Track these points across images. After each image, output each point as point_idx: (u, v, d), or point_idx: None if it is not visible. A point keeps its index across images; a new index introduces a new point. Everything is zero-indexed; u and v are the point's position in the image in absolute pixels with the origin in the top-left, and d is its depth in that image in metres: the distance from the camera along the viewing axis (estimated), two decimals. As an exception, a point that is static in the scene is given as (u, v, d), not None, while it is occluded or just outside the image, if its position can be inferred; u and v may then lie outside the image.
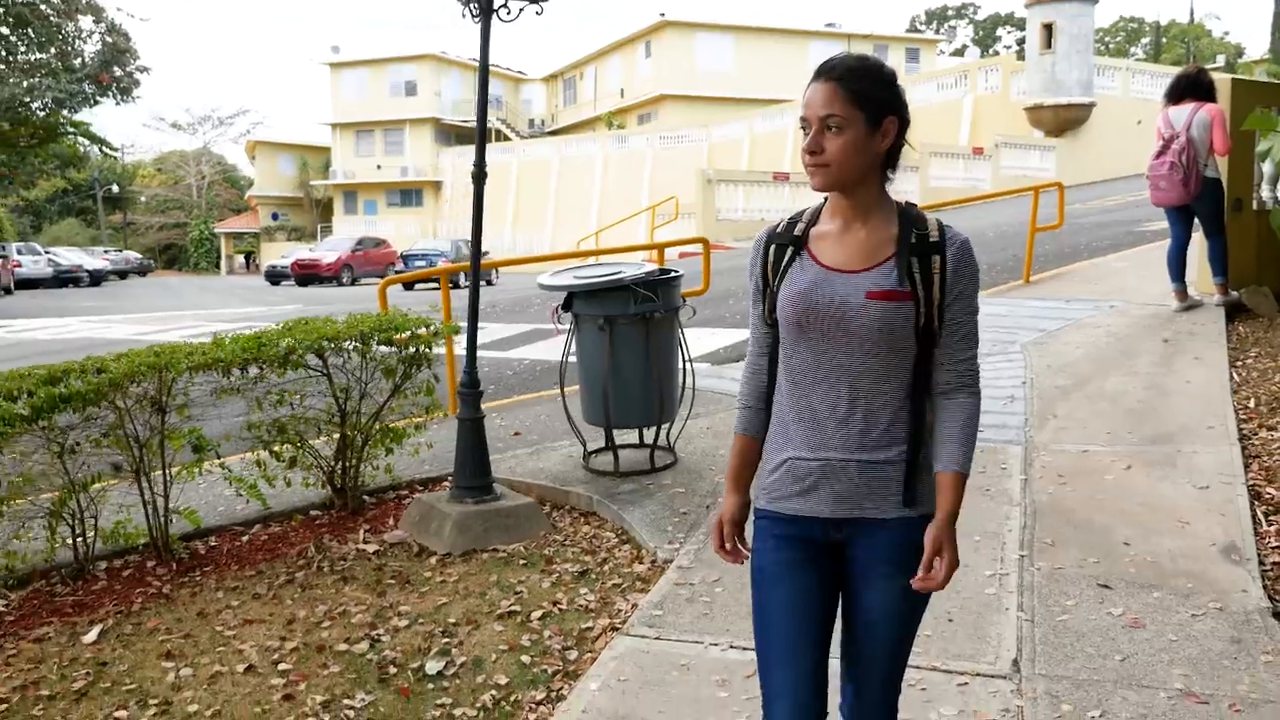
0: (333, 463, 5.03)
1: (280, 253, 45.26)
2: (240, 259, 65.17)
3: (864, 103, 1.89)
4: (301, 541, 4.73)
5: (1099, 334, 7.48)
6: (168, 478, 4.56)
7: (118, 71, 43.17)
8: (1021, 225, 11.22)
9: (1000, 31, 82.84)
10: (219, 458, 4.67)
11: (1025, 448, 5.23)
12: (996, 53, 74.97)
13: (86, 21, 42.49)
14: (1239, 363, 6.45)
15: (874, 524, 1.97)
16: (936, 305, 1.92)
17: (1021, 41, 65.12)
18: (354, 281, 33.94)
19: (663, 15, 47.28)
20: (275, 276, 37.01)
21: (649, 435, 5.39)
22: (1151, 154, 7.53)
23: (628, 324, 4.95)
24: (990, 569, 3.88)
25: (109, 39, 42.31)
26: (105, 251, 52.67)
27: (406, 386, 5.02)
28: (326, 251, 35.81)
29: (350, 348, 4.90)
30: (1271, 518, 4.28)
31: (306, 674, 3.49)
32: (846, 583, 2.05)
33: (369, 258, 35.95)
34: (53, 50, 41.49)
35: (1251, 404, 5.67)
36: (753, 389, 2.13)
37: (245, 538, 4.83)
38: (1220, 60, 56.76)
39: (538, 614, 3.86)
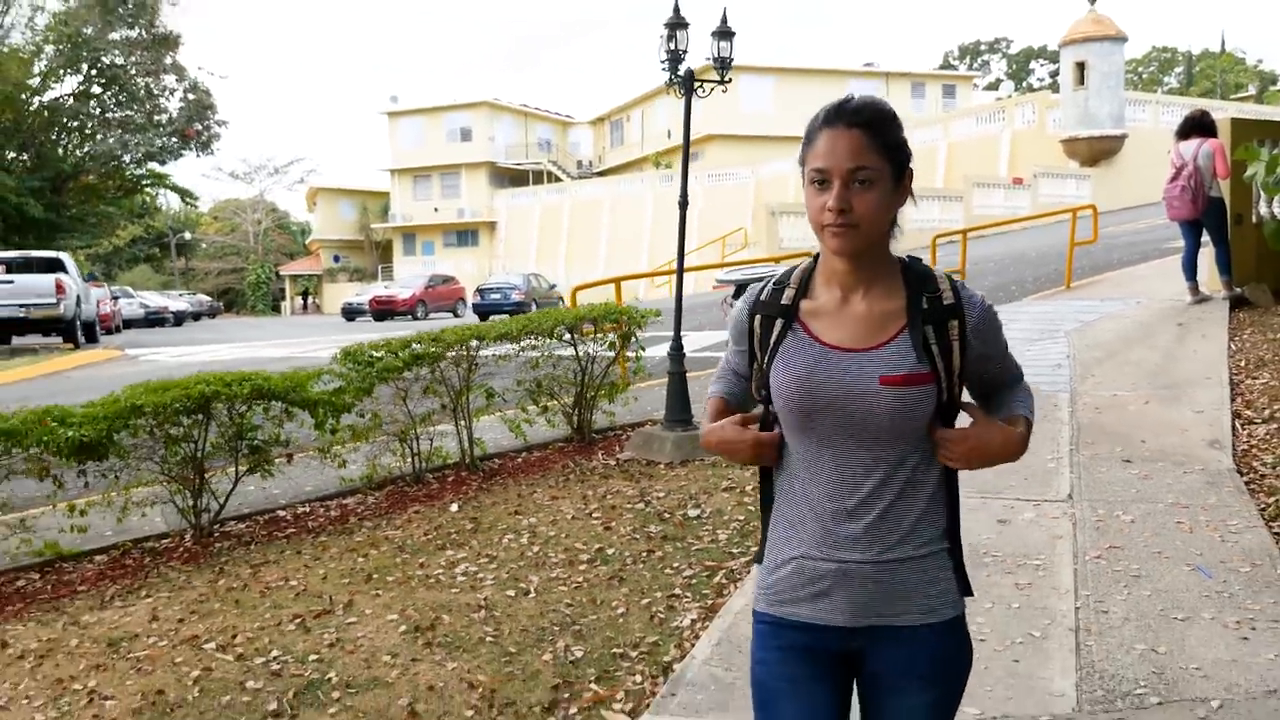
0: (572, 409, 7.06)
1: (353, 292, 47.86)
2: (299, 300, 68.09)
3: (891, 153, 1.71)
4: (559, 461, 6.76)
5: (1127, 322, 9.39)
6: (470, 416, 6.61)
7: (197, 126, 46.07)
8: (1060, 246, 13.16)
9: (1033, 64, 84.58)
10: (501, 405, 6.72)
11: (1070, 394, 7.15)
12: (1030, 86, 76.94)
13: (170, 80, 45.38)
14: (1236, 338, 8.33)
15: (898, 632, 1.72)
16: (958, 375, 1.72)
17: (1054, 74, 67.08)
18: (426, 315, 36.27)
19: (708, 60, 49.59)
20: (351, 313, 39.47)
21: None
22: (1166, 179, 9.46)
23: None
24: (1050, 455, 5.81)
25: (191, 96, 45.26)
26: (179, 295, 55.63)
27: (622, 355, 7.06)
28: (401, 289, 38.28)
29: (586, 328, 6.95)
30: (1245, 428, 6.16)
31: (611, 517, 5.49)
32: (865, 696, 1.81)
33: (439, 293, 38.45)
34: (139, 108, 44.37)
35: (1242, 364, 7.56)
36: (727, 371, 1.97)
37: (519, 459, 6.88)
38: (1251, 89, 58.29)
39: (749, 487, 5.84)
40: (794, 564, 1.75)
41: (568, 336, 6.86)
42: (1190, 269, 9.71)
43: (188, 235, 69.16)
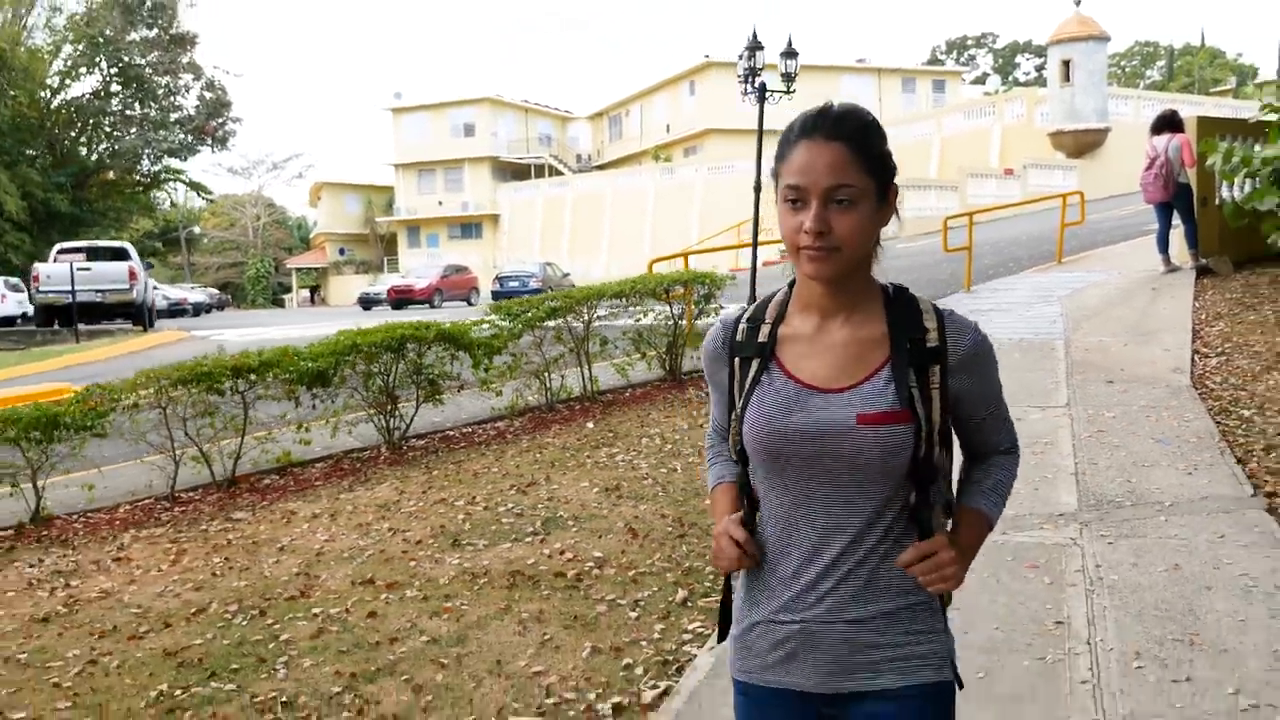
0: (665, 354, 8.75)
1: (365, 283, 49.42)
2: (305, 293, 69.47)
3: (876, 169, 1.53)
4: (659, 395, 8.45)
5: (1110, 288, 11.14)
6: (589, 359, 8.31)
7: (214, 123, 47.48)
8: (1050, 230, 14.92)
9: (1019, 59, 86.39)
10: (610, 354, 8.41)
11: (1065, 340, 8.87)
12: (1016, 80, 78.79)
13: (187, 78, 46.76)
14: (1199, 298, 10.08)
15: (875, 697, 1.56)
16: (937, 430, 1.54)
17: (1040, 69, 68.93)
18: (441, 304, 37.87)
19: (707, 57, 51.43)
20: (368, 302, 41.03)
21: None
22: (1142, 168, 11.20)
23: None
24: (1051, 381, 7.53)
25: (208, 94, 46.67)
26: (192, 288, 57.07)
27: (704, 309, 8.78)
28: (417, 278, 39.80)
29: (676, 291, 8.64)
30: (1201, 360, 7.89)
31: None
32: None
33: (454, 283, 39.99)
34: (157, 106, 45.77)
35: (1203, 317, 9.30)
36: (719, 443, 1.82)
37: (626, 394, 8.58)
38: (1232, 82, 60.21)
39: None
40: (763, 625, 1.61)
41: (662, 294, 8.55)
42: (1163, 244, 11.46)
43: (196, 229, 70.37)
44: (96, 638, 4.52)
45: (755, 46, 8.14)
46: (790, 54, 8.29)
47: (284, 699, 3.71)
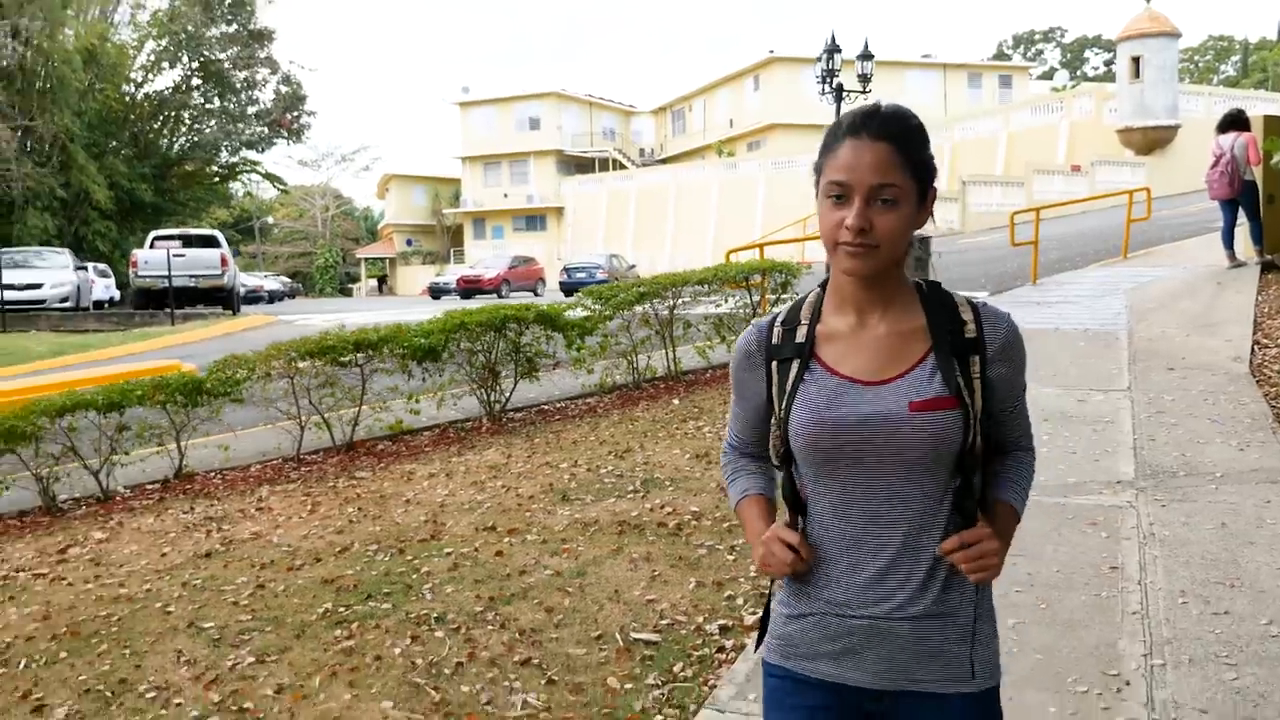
0: (744, 339, 9.29)
1: (433, 274, 50.56)
2: (374, 282, 71.00)
3: (918, 171, 1.57)
4: (737, 376, 8.99)
5: (1175, 282, 11.44)
6: (673, 342, 8.87)
7: (290, 115, 48.82)
8: (1116, 227, 15.17)
9: (1088, 53, 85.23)
10: (692, 338, 8.97)
11: (1129, 331, 9.24)
12: (1085, 75, 77.77)
13: (264, 72, 48.14)
14: (1263, 293, 10.36)
15: (923, 698, 1.57)
16: (979, 418, 1.56)
17: (1109, 63, 68.02)
18: (509, 294, 38.74)
19: (772, 52, 51.70)
20: (437, 291, 42.03)
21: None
22: (1208, 166, 11.47)
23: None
24: (1114, 367, 7.93)
25: (284, 88, 48.02)
26: (266, 276, 58.78)
27: (783, 296, 9.29)
28: (486, 269, 40.74)
29: (755, 279, 9.17)
30: (1261, 350, 8.23)
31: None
32: None
33: (521, 273, 40.85)
34: (235, 99, 47.21)
35: (1266, 310, 9.60)
36: (736, 458, 1.83)
37: (707, 374, 9.13)
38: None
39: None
40: (817, 618, 1.60)
41: (743, 282, 9.09)
42: (1228, 240, 11.72)
43: (271, 220, 72.26)
44: (258, 569, 5.19)
45: (833, 49, 8.67)
46: (866, 56, 8.77)
47: (435, 615, 4.34)
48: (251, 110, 48.16)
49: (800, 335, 1.64)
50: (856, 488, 1.56)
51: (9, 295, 19.72)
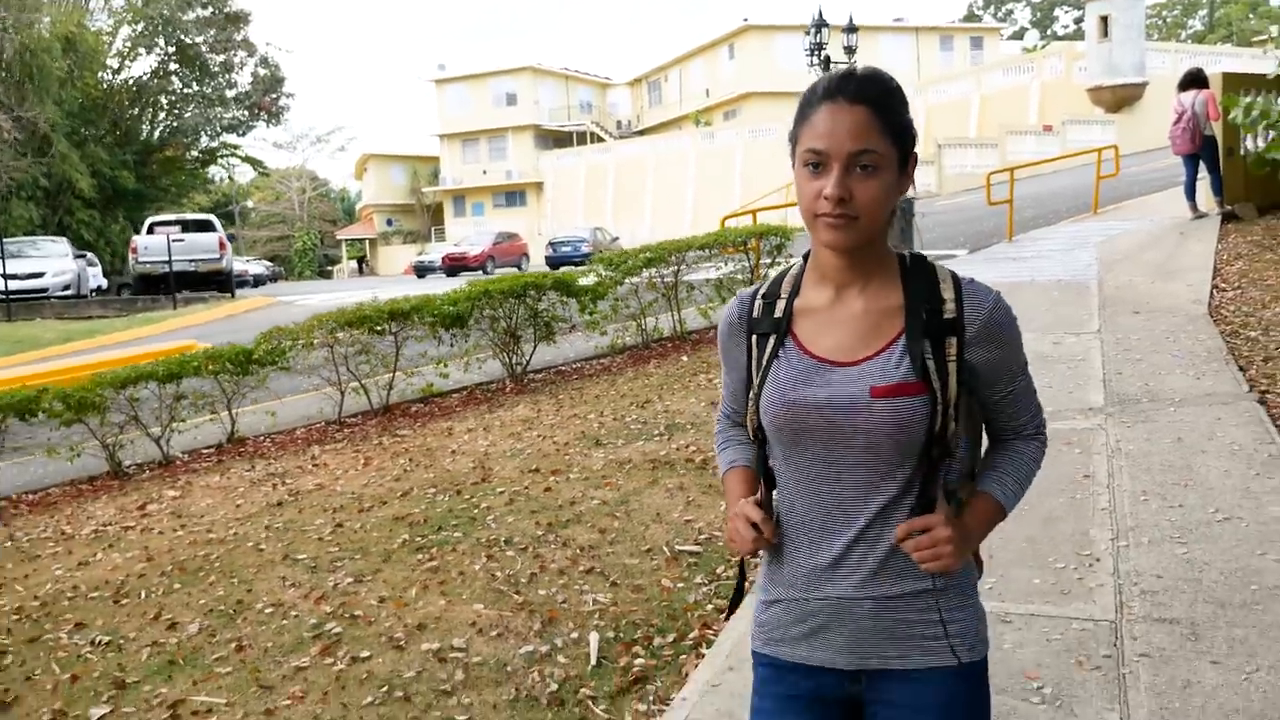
0: (743, 300, 9.95)
1: (415, 253, 50.97)
2: (354, 264, 71.17)
3: (898, 136, 1.51)
4: (738, 334, 9.67)
5: (1141, 235, 12.17)
6: (678, 305, 9.53)
7: (269, 98, 48.90)
8: (1087, 184, 15.89)
9: (1057, 12, 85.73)
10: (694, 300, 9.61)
11: (1099, 281, 9.95)
12: (1055, 34, 78.41)
13: (240, 55, 48.18)
14: (1223, 241, 11.09)
15: (901, 677, 1.55)
16: (953, 404, 1.50)
17: (1079, 21, 68.69)
18: (494, 270, 39.25)
19: (746, 20, 52.11)
20: (422, 270, 42.46)
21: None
22: (1170, 123, 12.18)
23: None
24: (1085, 313, 8.64)
25: (262, 70, 48.09)
26: (249, 260, 58.88)
27: (777, 259, 9.95)
28: (470, 246, 41.21)
29: (753, 243, 9.82)
30: (1218, 293, 8.95)
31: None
32: None
33: (505, 249, 41.34)
34: (213, 83, 47.27)
35: (1224, 258, 10.33)
36: (728, 428, 1.82)
37: (710, 334, 9.79)
38: (1273, 32, 59.78)
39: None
40: (786, 602, 1.60)
41: (742, 246, 9.73)
42: (1190, 193, 12.45)
43: (250, 203, 72.24)
44: (331, 512, 5.84)
45: (821, 24, 9.24)
46: (851, 29, 9.37)
47: (503, 539, 5.01)
48: (230, 94, 48.28)
49: (779, 310, 1.60)
50: (821, 469, 1.54)
51: (13, 285, 20.12)
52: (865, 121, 1.47)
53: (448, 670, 3.76)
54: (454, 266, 39.30)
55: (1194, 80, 12.04)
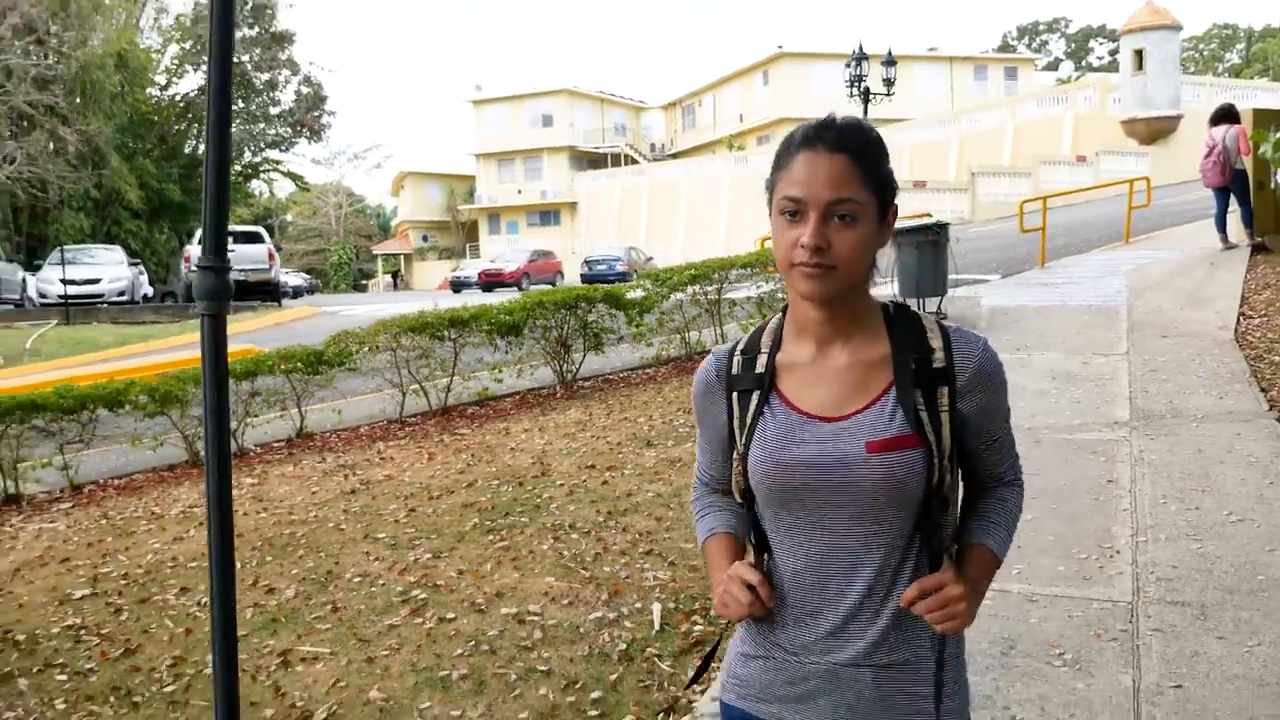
0: (783, 315, 10.37)
1: (449, 269, 51.78)
2: (388, 278, 72.18)
3: (878, 185, 1.47)
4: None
5: (1172, 264, 12.50)
6: (720, 319, 9.96)
7: (312, 115, 49.93)
8: (1119, 214, 16.23)
9: (1092, 44, 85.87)
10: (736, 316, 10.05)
11: (1128, 307, 10.29)
12: (1090, 65, 78.58)
13: (285, 74, 49.29)
14: (1251, 271, 11.41)
15: None
16: (949, 455, 1.46)
17: (1114, 53, 68.85)
18: (529, 287, 39.88)
19: (780, 47, 52.76)
20: (458, 285, 43.15)
21: (930, 304, 10.60)
22: (1201, 156, 12.53)
23: (927, 243, 10.16)
24: (1114, 336, 8.99)
25: (305, 89, 49.17)
26: (287, 273, 59.76)
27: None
28: (506, 263, 41.93)
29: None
30: (1245, 320, 9.28)
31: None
32: None
33: (540, 267, 42.04)
34: (258, 100, 48.41)
35: (1253, 287, 10.65)
36: (706, 495, 1.74)
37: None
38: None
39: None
40: (774, 660, 1.53)
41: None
42: (1221, 225, 12.78)
43: (289, 217, 73.53)
44: (404, 499, 6.30)
45: (861, 57, 9.66)
46: (890, 62, 9.80)
47: (567, 524, 5.44)
48: (274, 111, 49.38)
49: (760, 365, 1.54)
50: (816, 530, 1.47)
51: (71, 290, 20.85)
52: (844, 170, 1.43)
53: (527, 630, 4.19)
54: (490, 282, 39.99)
55: (1225, 115, 12.39)
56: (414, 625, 4.34)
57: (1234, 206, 12.77)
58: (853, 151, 1.44)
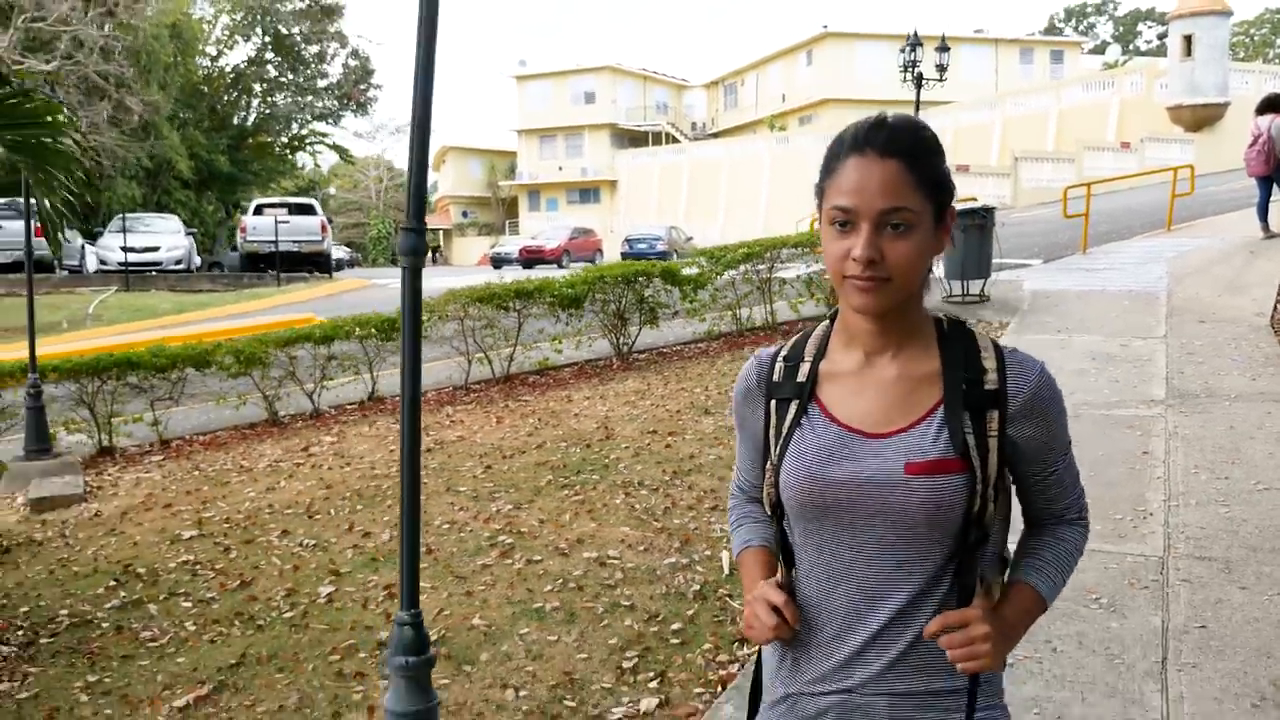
0: (829, 295, 10.73)
1: (489, 245, 52.42)
2: (428, 254, 72.81)
3: (934, 189, 1.39)
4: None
5: (1212, 251, 12.71)
6: (770, 297, 10.34)
7: (358, 89, 50.54)
8: (1163, 202, 16.40)
9: (1140, 27, 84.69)
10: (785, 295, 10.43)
11: (1168, 293, 10.56)
12: (1137, 49, 77.60)
13: (333, 46, 49.88)
14: (1292, 260, 11.62)
15: None
16: (993, 484, 1.38)
17: (1162, 36, 68.00)
18: (569, 264, 40.35)
19: (825, 27, 52.63)
20: (499, 261, 43.69)
21: (974, 286, 10.91)
22: (1246, 145, 12.71)
23: (973, 227, 10.47)
24: (1154, 320, 9.29)
25: (352, 62, 49.75)
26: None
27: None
28: (547, 240, 42.40)
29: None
30: (1283, 307, 9.56)
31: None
32: None
33: (581, 244, 42.46)
34: (306, 72, 49.08)
35: (1292, 275, 10.89)
36: (743, 504, 1.67)
37: (799, 326, 10.60)
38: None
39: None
40: (794, 699, 1.47)
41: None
42: (1263, 214, 12.96)
43: (331, 190, 74.45)
44: (479, 458, 6.77)
45: (915, 43, 9.94)
46: (943, 48, 10.08)
47: (636, 481, 5.89)
48: (321, 84, 50.05)
49: (802, 373, 1.48)
50: (846, 551, 1.41)
51: (131, 258, 21.55)
52: (897, 177, 1.35)
53: (608, 571, 4.64)
54: (530, 259, 40.47)
55: (1271, 105, 12.55)
56: (504, 565, 4.80)
57: (1276, 196, 12.94)
58: (906, 155, 1.36)
